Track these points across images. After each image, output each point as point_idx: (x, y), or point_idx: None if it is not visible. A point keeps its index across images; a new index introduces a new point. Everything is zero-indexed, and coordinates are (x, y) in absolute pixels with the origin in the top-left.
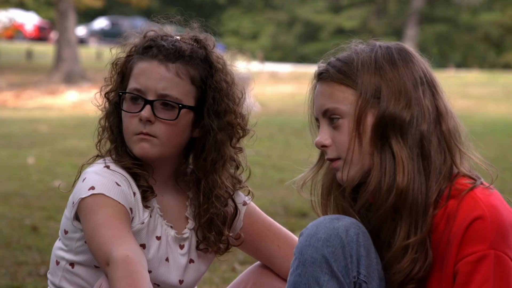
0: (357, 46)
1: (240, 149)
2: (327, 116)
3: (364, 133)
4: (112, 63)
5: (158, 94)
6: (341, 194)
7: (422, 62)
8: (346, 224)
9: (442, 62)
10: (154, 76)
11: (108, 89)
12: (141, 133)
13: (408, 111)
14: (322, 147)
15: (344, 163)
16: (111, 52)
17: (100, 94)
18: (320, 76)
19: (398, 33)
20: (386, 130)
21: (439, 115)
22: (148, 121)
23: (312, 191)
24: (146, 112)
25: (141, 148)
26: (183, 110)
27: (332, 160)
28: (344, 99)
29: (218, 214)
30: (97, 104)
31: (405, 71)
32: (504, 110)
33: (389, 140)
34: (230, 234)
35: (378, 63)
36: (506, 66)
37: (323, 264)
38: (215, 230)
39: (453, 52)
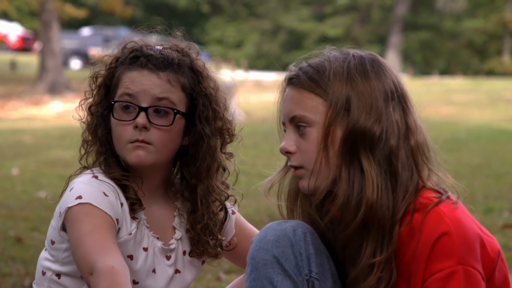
0: (330, 53)
1: (231, 154)
2: (294, 123)
3: (332, 145)
4: (91, 77)
5: (154, 99)
6: (308, 202)
7: (394, 74)
8: (293, 225)
9: (426, 69)
10: (147, 83)
11: (90, 102)
12: (137, 140)
13: (378, 126)
14: (286, 153)
15: (311, 174)
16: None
17: (81, 108)
18: (291, 81)
19: (382, 41)
20: (356, 144)
21: (408, 130)
22: (144, 128)
23: (279, 195)
24: (142, 119)
25: (136, 156)
26: (177, 116)
27: (295, 167)
28: (313, 108)
29: (212, 218)
30: (79, 118)
31: (377, 84)
32: (488, 117)
33: (359, 154)
34: (223, 238)
35: (350, 74)
36: (490, 73)
37: (274, 264)
38: (211, 234)
39: (437, 59)
